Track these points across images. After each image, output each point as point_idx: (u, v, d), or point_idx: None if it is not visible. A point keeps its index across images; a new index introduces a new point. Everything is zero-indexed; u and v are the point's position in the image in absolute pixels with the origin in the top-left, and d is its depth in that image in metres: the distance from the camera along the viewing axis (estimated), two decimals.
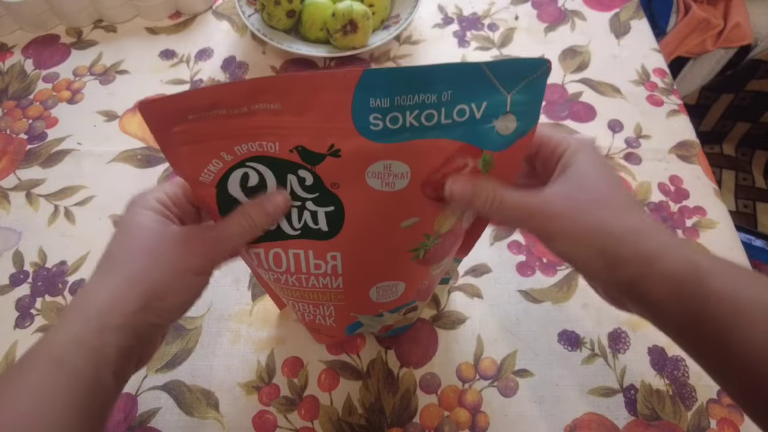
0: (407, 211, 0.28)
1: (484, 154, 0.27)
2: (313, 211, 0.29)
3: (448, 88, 0.24)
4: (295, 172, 0.27)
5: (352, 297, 0.35)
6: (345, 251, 0.30)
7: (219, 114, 0.25)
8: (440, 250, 0.32)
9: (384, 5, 0.64)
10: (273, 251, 0.31)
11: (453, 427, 0.43)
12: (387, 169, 0.26)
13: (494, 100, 0.25)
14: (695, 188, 0.56)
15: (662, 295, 0.25)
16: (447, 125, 0.25)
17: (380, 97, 0.24)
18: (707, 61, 1.05)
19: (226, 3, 0.71)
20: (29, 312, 0.48)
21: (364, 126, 0.25)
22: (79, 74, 0.65)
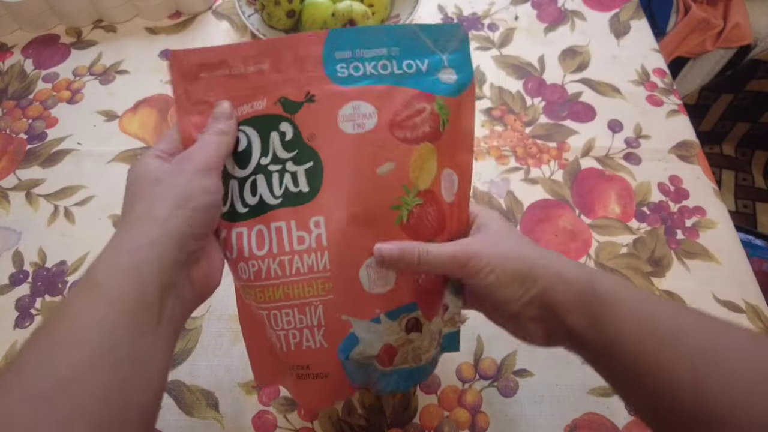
0: (381, 154, 0.31)
1: (437, 98, 0.32)
2: (293, 172, 0.31)
3: (395, 45, 0.32)
4: (278, 128, 0.31)
5: (341, 283, 0.31)
6: (328, 214, 0.31)
7: (223, 74, 0.32)
8: (424, 219, 0.32)
9: (384, 5, 0.65)
10: (256, 228, 0.31)
11: (453, 427, 0.43)
12: (356, 110, 0.31)
13: (433, 59, 0.32)
14: (695, 188, 0.56)
15: (568, 302, 0.29)
16: (400, 75, 0.32)
17: (343, 50, 0.31)
18: (707, 61, 1.05)
19: (225, 3, 0.71)
20: (29, 312, 0.48)
21: (333, 73, 0.31)
22: (78, 74, 0.65)
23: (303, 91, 0.31)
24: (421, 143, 0.32)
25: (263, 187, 0.31)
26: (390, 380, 0.34)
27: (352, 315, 0.32)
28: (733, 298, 0.49)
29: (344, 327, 0.32)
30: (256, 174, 0.31)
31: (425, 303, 0.33)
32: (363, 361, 0.32)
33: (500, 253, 0.31)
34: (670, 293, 0.49)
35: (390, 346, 0.33)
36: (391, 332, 0.32)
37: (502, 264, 0.30)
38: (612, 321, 0.28)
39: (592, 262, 0.51)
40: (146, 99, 0.62)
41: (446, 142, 0.33)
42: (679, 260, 0.51)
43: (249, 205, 0.31)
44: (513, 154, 0.58)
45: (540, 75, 0.64)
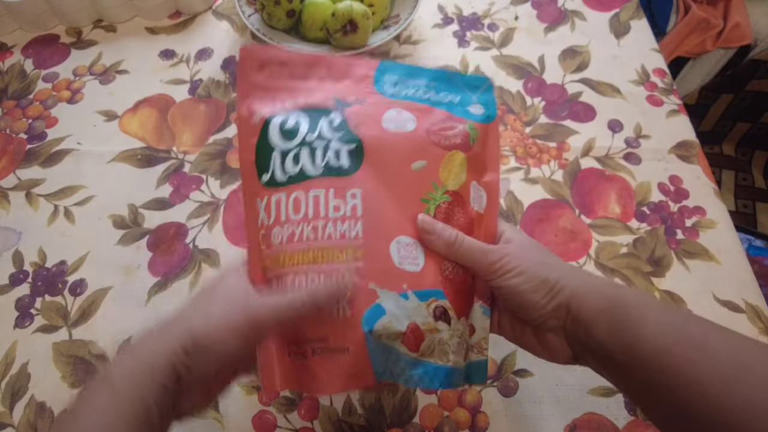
0: (416, 152, 0.34)
1: (468, 122, 0.37)
2: (336, 150, 0.34)
3: (433, 81, 0.38)
4: (328, 116, 0.35)
5: (372, 252, 0.32)
6: (365, 188, 0.33)
7: (285, 73, 0.36)
8: (452, 216, 0.34)
9: (384, 5, 0.64)
10: (294, 195, 0.33)
11: (453, 427, 0.43)
12: (398, 114, 0.35)
13: (465, 96, 0.38)
14: (695, 188, 0.56)
15: (593, 311, 0.30)
16: (436, 101, 0.37)
17: (391, 76, 0.37)
18: (707, 61, 1.05)
19: (225, 3, 0.71)
20: (29, 312, 0.48)
21: (381, 89, 0.37)
22: (78, 74, 0.65)
23: (355, 96, 0.36)
24: (452, 150, 0.35)
25: (306, 158, 0.34)
26: (415, 373, 0.32)
27: (379, 285, 0.31)
28: (733, 298, 0.49)
29: (371, 296, 0.31)
30: (301, 147, 0.34)
31: (452, 295, 0.33)
32: (387, 338, 0.31)
33: (530, 258, 0.32)
34: (670, 293, 0.49)
35: (417, 328, 0.31)
36: (419, 313, 0.32)
37: (532, 268, 0.31)
38: (635, 327, 0.28)
39: (592, 262, 0.51)
40: (146, 99, 0.62)
41: (475, 156, 0.36)
42: (679, 260, 0.51)
43: (289, 174, 0.34)
44: (513, 153, 0.58)
45: (540, 75, 0.64)
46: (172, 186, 0.56)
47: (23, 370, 0.46)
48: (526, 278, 0.31)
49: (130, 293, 0.49)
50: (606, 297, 0.30)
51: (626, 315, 0.29)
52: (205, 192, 0.55)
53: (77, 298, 0.49)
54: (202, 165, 0.57)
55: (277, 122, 0.35)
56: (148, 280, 0.50)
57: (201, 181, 0.56)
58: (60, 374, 0.45)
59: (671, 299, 0.49)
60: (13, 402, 0.44)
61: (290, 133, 0.34)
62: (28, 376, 0.45)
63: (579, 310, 0.30)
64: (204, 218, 0.54)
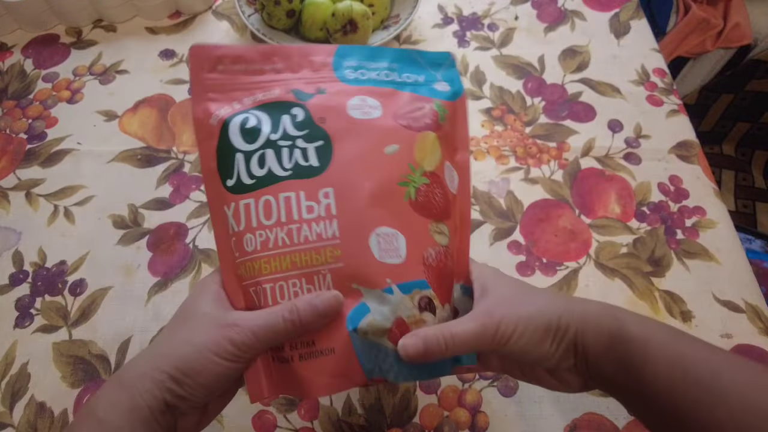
0: (387, 137, 0.33)
1: (435, 100, 0.36)
2: (303, 148, 0.32)
3: (394, 62, 0.37)
4: (289, 111, 0.33)
5: (351, 250, 0.31)
6: (337, 185, 0.31)
7: (240, 69, 0.34)
8: (432, 198, 0.33)
9: (384, 5, 0.64)
10: (264, 198, 0.31)
11: (453, 427, 0.43)
12: (363, 101, 0.34)
13: (429, 75, 0.37)
14: (695, 188, 0.56)
15: (600, 347, 0.28)
16: (400, 82, 0.36)
17: (350, 60, 0.36)
18: (707, 61, 1.05)
19: (225, 3, 0.71)
20: (29, 312, 0.48)
21: (342, 75, 0.35)
22: (78, 74, 0.65)
23: (315, 86, 0.34)
24: (423, 131, 0.34)
25: (272, 160, 0.32)
26: (403, 367, 0.31)
27: (362, 284, 0.31)
28: (732, 298, 0.49)
29: (354, 296, 0.31)
30: (265, 148, 0.32)
31: (435, 283, 0.32)
32: (373, 335, 0.31)
33: (525, 312, 0.29)
34: (670, 293, 0.49)
35: (402, 322, 0.31)
36: (404, 307, 0.31)
37: (530, 322, 0.29)
38: (642, 364, 0.27)
39: (592, 262, 0.51)
40: (146, 99, 0.62)
41: (446, 135, 0.35)
42: (679, 260, 0.51)
43: (256, 177, 0.32)
44: (513, 154, 0.58)
45: (540, 75, 0.64)
46: (172, 186, 0.56)
47: (23, 370, 0.46)
48: (529, 335, 0.29)
49: (130, 293, 0.49)
50: (606, 332, 0.29)
51: (627, 351, 0.28)
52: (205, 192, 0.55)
53: (77, 298, 0.49)
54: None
55: (236, 123, 0.33)
56: (148, 280, 0.50)
57: (201, 181, 0.56)
58: (60, 374, 0.45)
59: (671, 299, 0.49)
60: (13, 402, 0.44)
61: (252, 133, 0.33)
62: (28, 376, 0.45)
63: (585, 348, 0.29)
64: (204, 218, 0.54)
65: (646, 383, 0.27)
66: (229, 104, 0.34)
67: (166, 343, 0.30)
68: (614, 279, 0.50)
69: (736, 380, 0.25)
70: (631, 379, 0.27)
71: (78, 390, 0.45)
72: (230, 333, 0.28)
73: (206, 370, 0.28)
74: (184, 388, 0.28)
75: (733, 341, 0.47)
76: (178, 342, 0.29)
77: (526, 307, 0.30)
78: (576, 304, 0.30)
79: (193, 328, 0.29)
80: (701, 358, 0.27)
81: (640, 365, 0.27)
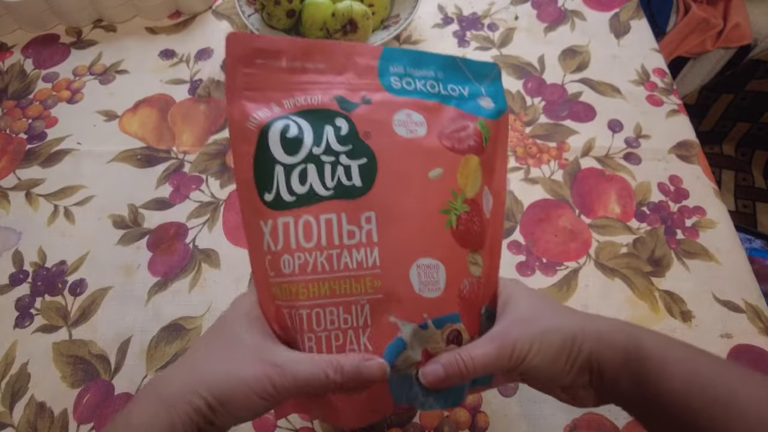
0: (432, 160, 0.32)
1: (479, 119, 0.34)
2: (346, 166, 0.30)
3: (440, 70, 0.34)
4: (332, 122, 0.31)
5: (391, 281, 0.30)
6: (380, 210, 0.30)
7: (280, 66, 0.31)
8: (471, 227, 0.32)
9: (384, 5, 0.64)
10: (303, 219, 0.30)
11: (453, 427, 0.43)
12: (408, 117, 0.32)
13: (473, 88, 0.35)
14: (695, 188, 0.56)
15: (615, 364, 0.28)
16: (445, 96, 0.34)
17: (396, 66, 0.33)
18: (707, 61, 1.05)
19: (225, 3, 0.71)
20: (29, 312, 0.48)
21: (388, 83, 0.33)
22: (78, 74, 0.65)
23: (359, 94, 0.32)
24: (467, 154, 0.33)
25: (314, 176, 0.30)
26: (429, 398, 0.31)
27: (400, 317, 0.30)
28: (732, 298, 0.49)
29: (392, 330, 0.30)
30: (307, 163, 0.30)
31: (467, 315, 0.32)
32: (405, 369, 0.30)
33: (540, 331, 0.30)
34: (670, 293, 0.49)
35: (427, 352, 0.31)
36: (433, 340, 0.31)
37: (545, 341, 0.29)
38: (657, 381, 0.27)
39: (592, 262, 0.51)
40: (146, 99, 0.62)
41: (488, 159, 0.34)
42: (679, 260, 0.51)
43: (297, 194, 0.30)
44: (513, 153, 0.58)
45: (540, 75, 0.64)
46: (172, 186, 0.56)
47: (23, 370, 0.46)
48: (543, 355, 0.29)
49: (130, 293, 0.49)
50: (621, 349, 0.29)
51: (643, 368, 0.28)
52: (205, 192, 0.55)
53: (77, 298, 0.49)
54: (202, 165, 0.57)
55: (277, 130, 0.31)
56: (148, 280, 0.50)
57: (201, 181, 0.56)
58: (60, 374, 0.45)
59: (671, 299, 0.49)
60: (13, 402, 0.44)
61: (294, 144, 0.30)
62: (28, 376, 0.45)
63: (600, 366, 0.29)
64: (204, 218, 0.54)
65: (661, 400, 0.27)
66: (267, 106, 0.31)
67: (204, 362, 0.29)
68: (614, 279, 0.50)
69: (753, 396, 0.25)
70: (647, 396, 0.27)
71: (78, 390, 0.45)
72: (273, 374, 0.28)
73: (242, 405, 0.28)
74: (217, 416, 0.28)
75: (733, 341, 0.47)
76: (219, 369, 0.29)
77: (541, 326, 0.30)
78: (590, 322, 0.30)
79: (235, 357, 0.29)
80: (717, 374, 0.26)
81: (655, 382, 0.27)
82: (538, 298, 0.33)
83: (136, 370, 0.46)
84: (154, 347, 0.47)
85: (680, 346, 0.29)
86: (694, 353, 0.29)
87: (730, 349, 0.46)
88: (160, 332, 0.47)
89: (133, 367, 0.46)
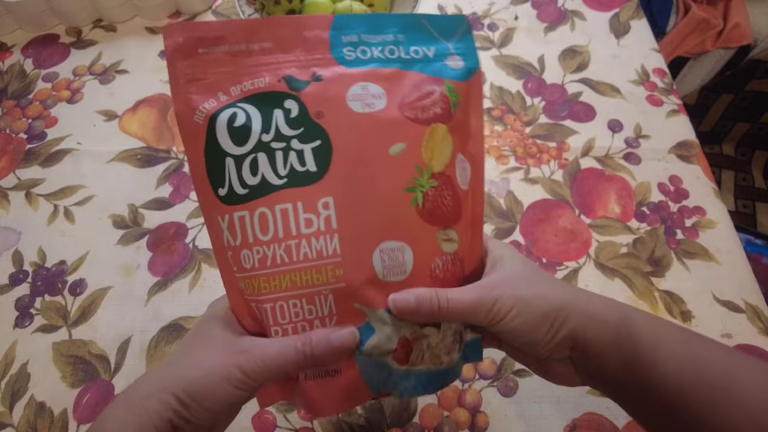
0: (392, 134, 0.30)
1: (446, 82, 0.31)
2: (299, 150, 0.29)
3: (401, 33, 0.31)
4: (282, 105, 0.29)
5: (352, 269, 0.29)
6: (337, 194, 0.29)
7: (222, 51, 0.30)
8: (441, 202, 0.30)
9: (384, 5, 0.64)
10: (259, 211, 0.29)
11: (452, 427, 0.43)
12: (364, 90, 0.30)
13: (440, 47, 0.32)
14: (695, 188, 0.56)
15: (603, 343, 0.28)
16: (407, 60, 0.31)
17: (350, 34, 0.31)
18: (707, 61, 1.05)
19: (225, 3, 0.71)
20: (29, 311, 0.48)
21: (340, 56, 0.31)
22: (78, 74, 0.65)
23: (309, 71, 0.30)
24: (432, 124, 0.30)
25: (265, 165, 0.29)
26: (408, 384, 0.31)
27: (365, 304, 0.29)
28: (732, 298, 0.49)
29: (358, 316, 0.29)
30: (257, 152, 0.29)
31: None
32: (378, 356, 0.30)
33: (525, 295, 0.29)
34: (669, 293, 0.49)
35: (406, 340, 0.30)
36: (406, 325, 0.30)
37: (529, 306, 0.28)
38: (651, 365, 0.26)
39: (591, 262, 0.51)
40: (146, 99, 0.62)
41: (458, 125, 0.32)
42: (679, 260, 0.51)
43: (249, 186, 0.29)
44: (513, 153, 0.58)
45: (540, 75, 0.64)
46: (172, 186, 0.56)
47: (23, 369, 0.46)
48: (524, 318, 0.28)
49: (130, 293, 0.49)
50: (612, 328, 0.28)
51: (635, 350, 0.27)
52: None
53: (77, 297, 0.49)
54: None
55: (223, 121, 0.29)
56: (148, 280, 0.50)
57: None
58: (60, 374, 0.45)
59: (671, 299, 0.49)
60: (13, 402, 0.44)
61: (242, 133, 0.29)
62: (27, 376, 0.45)
63: (586, 342, 0.28)
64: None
65: (654, 384, 0.26)
66: (214, 95, 0.30)
67: (175, 363, 0.29)
68: (614, 279, 0.50)
69: (751, 379, 0.24)
70: (638, 379, 0.27)
71: (78, 390, 0.45)
72: (240, 360, 0.27)
73: (213, 396, 0.27)
74: (190, 411, 0.27)
75: (733, 341, 0.47)
76: (188, 364, 0.28)
77: (527, 290, 0.29)
78: (581, 297, 0.29)
79: (203, 351, 0.29)
80: (715, 358, 0.26)
81: (648, 365, 0.26)
82: (529, 266, 0.32)
83: (136, 370, 0.46)
84: (154, 347, 0.47)
85: (675, 329, 0.28)
86: (690, 336, 0.28)
87: None
88: (160, 332, 0.47)
89: (133, 367, 0.46)
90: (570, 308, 0.28)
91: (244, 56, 0.30)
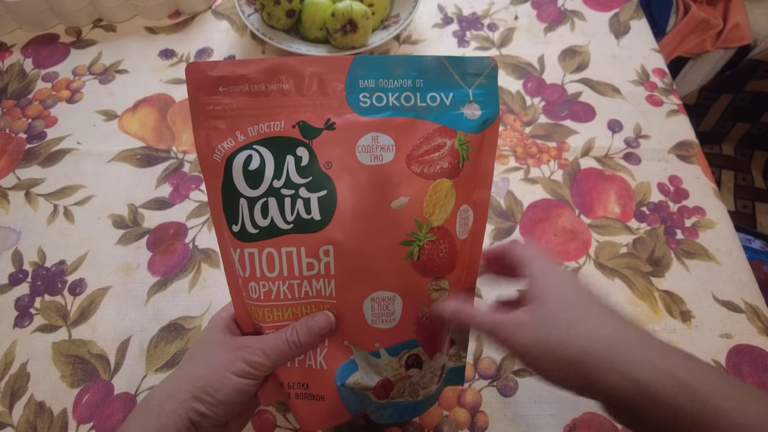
0: (396, 189, 0.31)
1: (458, 134, 0.32)
2: (306, 199, 0.31)
3: (420, 77, 0.31)
4: (294, 152, 0.31)
5: (345, 312, 0.32)
6: (338, 243, 0.31)
7: (242, 90, 0.31)
8: (436, 255, 0.32)
9: (384, 5, 0.64)
10: (267, 251, 0.31)
11: (452, 426, 0.43)
12: (375, 141, 0.31)
13: (459, 92, 0.32)
14: (695, 188, 0.56)
15: (658, 418, 0.24)
16: (423, 108, 0.31)
17: (368, 79, 0.31)
18: (707, 61, 1.05)
19: (225, 2, 0.71)
20: (28, 311, 0.48)
21: (355, 102, 0.31)
22: (78, 73, 0.64)
23: (323, 117, 0.31)
24: (437, 179, 0.31)
25: (275, 210, 0.31)
26: (385, 412, 0.35)
27: (353, 343, 0.33)
28: (732, 298, 0.49)
29: (346, 352, 0.33)
30: (268, 196, 0.31)
31: (427, 340, 0.33)
32: (359, 390, 0.33)
33: (543, 336, 0.27)
34: (669, 293, 0.49)
35: (387, 381, 0.33)
36: (390, 368, 0.33)
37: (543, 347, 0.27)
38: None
39: (591, 262, 0.51)
40: (146, 99, 0.62)
41: (465, 178, 0.32)
42: (679, 260, 0.51)
43: (259, 227, 0.31)
44: (513, 153, 0.58)
45: (540, 75, 0.64)
46: (172, 186, 0.56)
47: (23, 369, 0.46)
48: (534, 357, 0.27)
49: (129, 293, 0.49)
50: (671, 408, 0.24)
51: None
52: (205, 192, 0.55)
53: (77, 297, 0.49)
54: None
55: (240, 162, 0.31)
56: (147, 280, 0.50)
57: (201, 180, 0.56)
58: (59, 374, 0.45)
59: (671, 299, 0.49)
60: (13, 402, 0.44)
61: (255, 176, 0.31)
62: (27, 376, 0.45)
63: (630, 409, 0.25)
64: (204, 218, 0.54)
65: None
66: (232, 134, 0.31)
67: (185, 367, 0.33)
68: (614, 279, 0.50)
69: None
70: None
71: (77, 390, 0.45)
72: (243, 353, 0.32)
73: (224, 387, 0.31)
74: (206, 405, 0.31)
75: (733, 341, 0.47)
76: (198, 365, 0.32)
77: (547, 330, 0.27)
78: (624, 350, 0.25)
79: (210, 353, 0.33)
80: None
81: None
82: (569, 295, 0.29)
83: (135, 369, 0.46)
84: (154, 347, 0.47)
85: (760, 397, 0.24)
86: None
87: (729, 350, 0.46)
88: (160, 332, 0.47)
89: (133, 366, 0.46)
90: (594, 358, 0.25)
91: (262, 96, 0.31)
